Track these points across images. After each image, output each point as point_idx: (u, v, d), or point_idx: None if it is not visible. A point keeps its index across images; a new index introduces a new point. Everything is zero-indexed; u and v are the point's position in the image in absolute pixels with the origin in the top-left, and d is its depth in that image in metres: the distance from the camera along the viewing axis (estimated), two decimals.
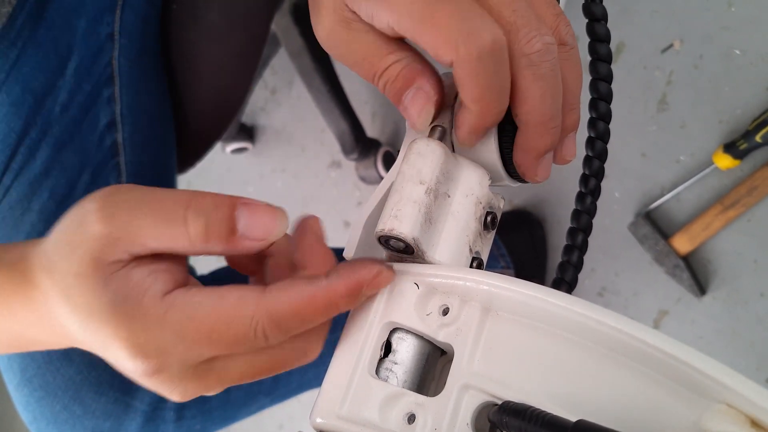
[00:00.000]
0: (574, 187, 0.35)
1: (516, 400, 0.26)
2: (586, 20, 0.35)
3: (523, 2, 0.29)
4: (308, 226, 0.31)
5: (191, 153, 0.68)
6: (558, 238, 0.98)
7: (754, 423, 0.20)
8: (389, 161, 1.11)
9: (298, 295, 0.27)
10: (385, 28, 0.29)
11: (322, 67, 1.06)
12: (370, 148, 1.11)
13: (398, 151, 0.35)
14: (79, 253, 0.26)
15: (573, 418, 0.22)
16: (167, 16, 0.60)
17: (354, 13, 0.30)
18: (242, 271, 0.33)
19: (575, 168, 0.33)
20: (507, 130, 0.32)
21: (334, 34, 0.32)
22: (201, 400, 0.60)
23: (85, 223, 0.27)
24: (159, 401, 0.57)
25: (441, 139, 0.32)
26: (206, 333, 0.26)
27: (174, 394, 0.29)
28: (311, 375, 0.68)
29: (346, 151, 1.11)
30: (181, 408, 0.58)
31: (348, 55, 0.32)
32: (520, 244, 0.95)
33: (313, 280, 0.28)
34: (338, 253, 0.83)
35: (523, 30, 0.28)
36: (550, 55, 0.29)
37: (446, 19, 0.27)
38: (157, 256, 0.27)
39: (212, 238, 0.27)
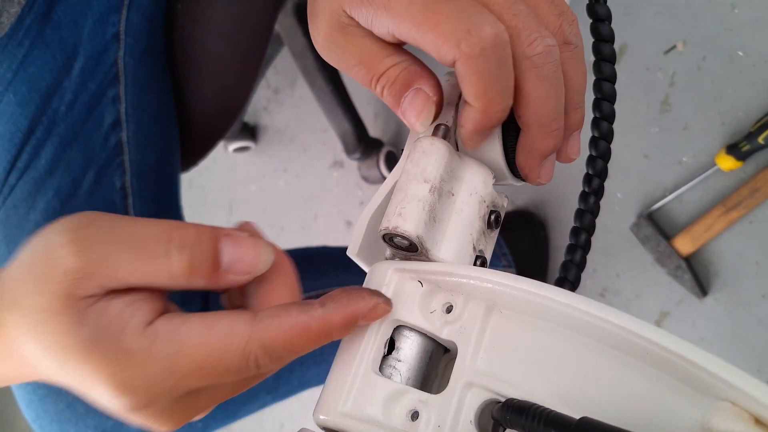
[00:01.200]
0: (576, 189, 0.35)
1: (519, 398, 0.26)
2: (590, 20, 0.35)
3: (523, 5, 0.29)
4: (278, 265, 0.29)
5: (194, 151, 0.68)
6: (559, 239, 0.98)
7: (758, 421, 0.20)
8: (392, 161, 1.12)
9: (292, 324, 0.26)
10: (385, 34, 0.30)
11: (324, 67, 1.06)
12: (373, 148, 1.11)
13: (401, 151, 0.35)
14: (49, 289, 0.25)
15: (576, 416, 0.22)
16: (172, 16, 0.60)
17: (351, 18, 0.30)
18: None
19: (577, 170, 0.33)
20: (511, 129, 0.32)
21: (330, 39, 0.31)
22: None
23: (54, 257, 0.25)
24: None
25: (445, 137, 0.32)
26: (197, 366, 0.25)
27: (163, 426, 0.28)
28: (312, 373, 0.68)
29: (349, 151, 1.11)
30: None
31: (345, 60, 0.32)
32: (522, 244, 0.95)
33: (307, 309, 0.27)
34: (340, 252, 0.83)
35: (525, 32, 0.28)
36: (552, 57, 0.29)
37: (446, 17, 0.27)
38: (133, 288, 0.26)
39: (196, 274, 0.26)
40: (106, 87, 0.55)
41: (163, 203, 0.61)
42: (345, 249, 0.34)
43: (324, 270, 0.73)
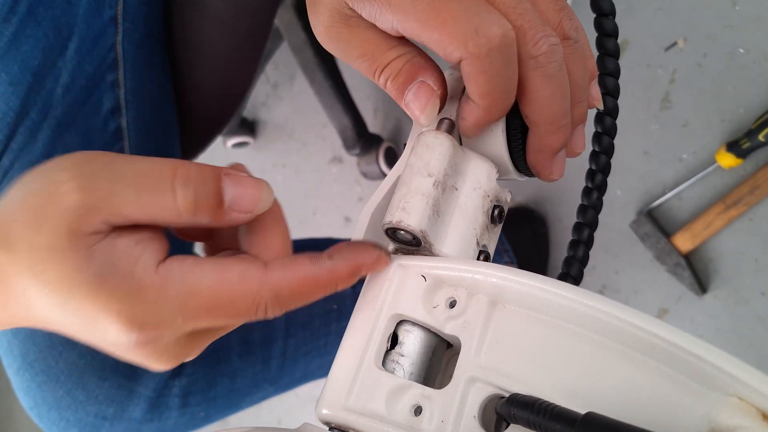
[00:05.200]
0: (575, 185, 0.35)
1: (523, 393, 0.26)
2: (594, 15, 0.35)
3: (528, 3, 0.29)
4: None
5: (194, 143, 0.68)
6: (558, 236, 0.98)
7: (766, 416, 0.20)
8: (391, 157, 1.11)
9: (303, 274, 0.28)
10: (389, 29, 0.29)
11: (324, 62, 1.06)
12: (372, 144, 1.11)
13: (403, 145, 0.34)
14: (51, 225, 0.24)
15: (581, 411, 0.22)
16: (171, 2, 0.59)
17: (353, 10, 0.30)
18: (189, 239, 0.32)
19: (576, 167, 0.33)
20: (515, 123, 0.32)
21: (333, 31, 0.31)
22: (206, 387, 0.60)
23: (56, 194, 0.25)
24: (164, 387, 0.57)
25: (449, 131, 0.32)
26: (208, 307, 0.26)
27: (161, 362, 0.28)
28: (315, 365, 0.68)
29: (348, 147, 1.11)
30: (185, 395, 0.58)
31: (348, 51, 0.32)
32: (522, 241, 0.95)
33: (316, 260, 0.28)
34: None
35: (530, 33, 0.28)
36: (557, 56, 0.29)
37: (453, 16, 0.27)
38: (138, 226, 0.26)
39: (201, 210, 0.26)
40: (105, 71, 0.54)
41: None
42: (338, 242, 0.34)
43: None
